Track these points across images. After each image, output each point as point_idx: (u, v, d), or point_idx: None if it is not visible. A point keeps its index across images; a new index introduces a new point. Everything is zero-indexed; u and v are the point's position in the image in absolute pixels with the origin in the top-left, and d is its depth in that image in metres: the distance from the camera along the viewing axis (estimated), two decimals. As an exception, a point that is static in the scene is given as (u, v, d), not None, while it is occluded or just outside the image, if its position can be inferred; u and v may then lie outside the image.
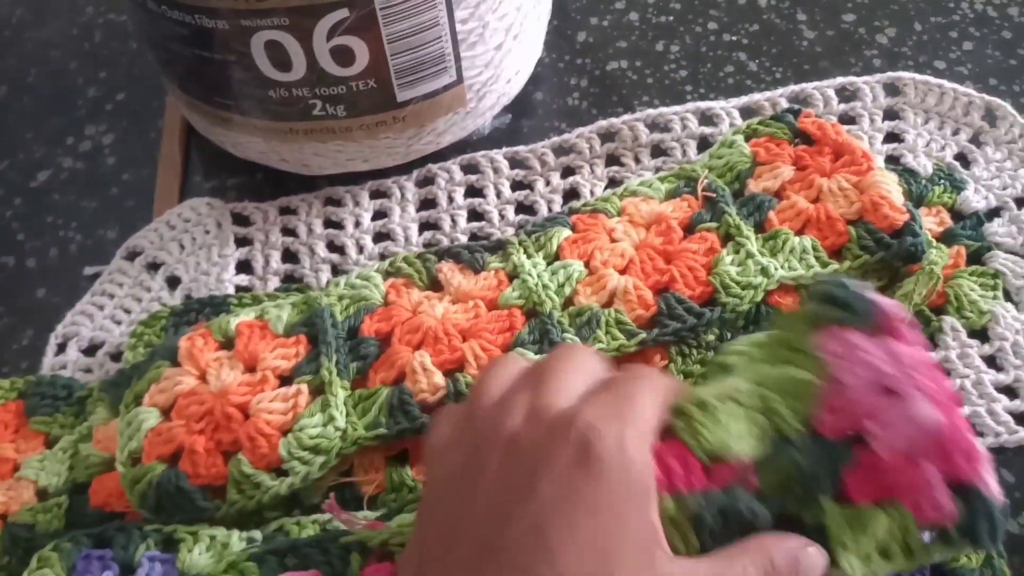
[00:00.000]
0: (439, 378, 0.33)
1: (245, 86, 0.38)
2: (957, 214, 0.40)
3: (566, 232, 0.37)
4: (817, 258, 0.36)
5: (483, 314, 0.35)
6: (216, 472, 0.32)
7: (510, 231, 0.41)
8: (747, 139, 0.40)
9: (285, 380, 0.34)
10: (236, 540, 0.31)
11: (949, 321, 0.37)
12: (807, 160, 0.38)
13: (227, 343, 0.35)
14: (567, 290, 0.35)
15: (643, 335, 0.34)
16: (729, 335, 0.35)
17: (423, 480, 0.32)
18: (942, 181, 0.41)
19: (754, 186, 0.38)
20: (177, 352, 0.35)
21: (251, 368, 0.34)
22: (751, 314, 0.35)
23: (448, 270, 0.37)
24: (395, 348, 0.34)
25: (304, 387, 0.33)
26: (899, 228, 0.36)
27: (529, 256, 0.37)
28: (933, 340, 0.37)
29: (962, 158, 0.42)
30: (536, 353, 0.34)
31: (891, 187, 0.37)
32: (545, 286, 0.35)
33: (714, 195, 0.38)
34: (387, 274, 0.38)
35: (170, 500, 0.32)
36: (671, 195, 0.39)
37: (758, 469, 0.24)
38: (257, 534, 0.32)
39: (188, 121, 0.47)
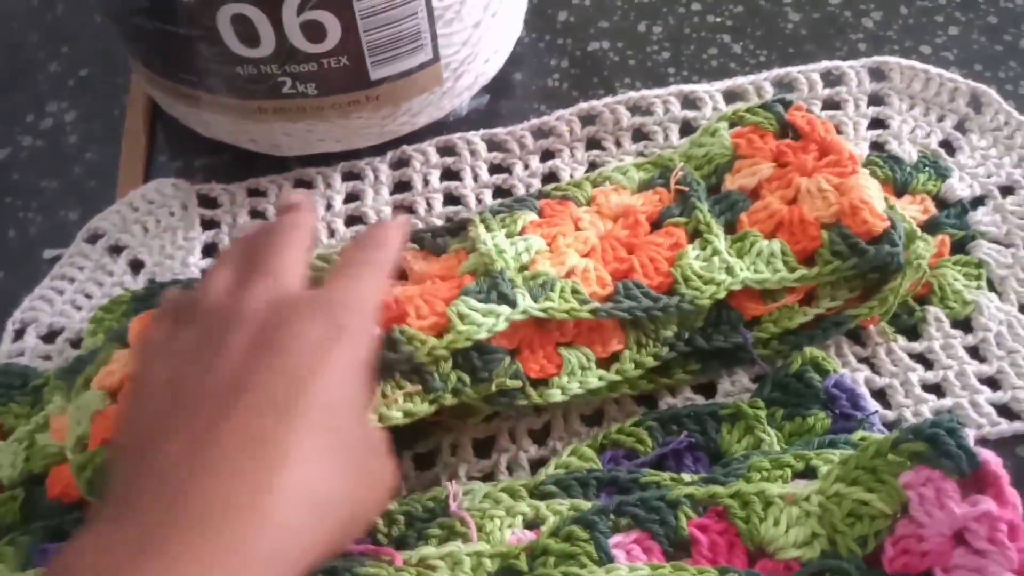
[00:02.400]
0: None
1: (212, 62, 0.37)
2: (941, 202, 0.39)
3: (532, 216, 0.36)
4: (786, 262, 0.34)
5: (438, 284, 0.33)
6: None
7: (487, 216, 0.40)
8: (732, 126, 0.39)
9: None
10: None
11: (933, 311, 0.36)
12: (789, 156, 0.37)
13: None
14: (524, 258, 0.34)
15: (596, 304, 0.33)
16: (687, 335, 0.34)
17: (133, 371, 0.30)
18: (927, 168, 0.40)
19: (731, 182, 0.37)
20: (127, 334, 0.33)
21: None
22: (712, 315, 0.34)
23: (411, 258, 0.36)
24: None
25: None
26: (877, 235, 0.34)
27: (489, 230, 0.35)
28: (916, 330, 0.36)
29: (947, 145, 0.41)
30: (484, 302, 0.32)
31: (874, 193, 0.35)
32: (501, 250, 0.34)
33: (687, 189, 0.36)
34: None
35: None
36: (644, 186, 0.38)
37: None
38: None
39: (154, 99, 0.45)
